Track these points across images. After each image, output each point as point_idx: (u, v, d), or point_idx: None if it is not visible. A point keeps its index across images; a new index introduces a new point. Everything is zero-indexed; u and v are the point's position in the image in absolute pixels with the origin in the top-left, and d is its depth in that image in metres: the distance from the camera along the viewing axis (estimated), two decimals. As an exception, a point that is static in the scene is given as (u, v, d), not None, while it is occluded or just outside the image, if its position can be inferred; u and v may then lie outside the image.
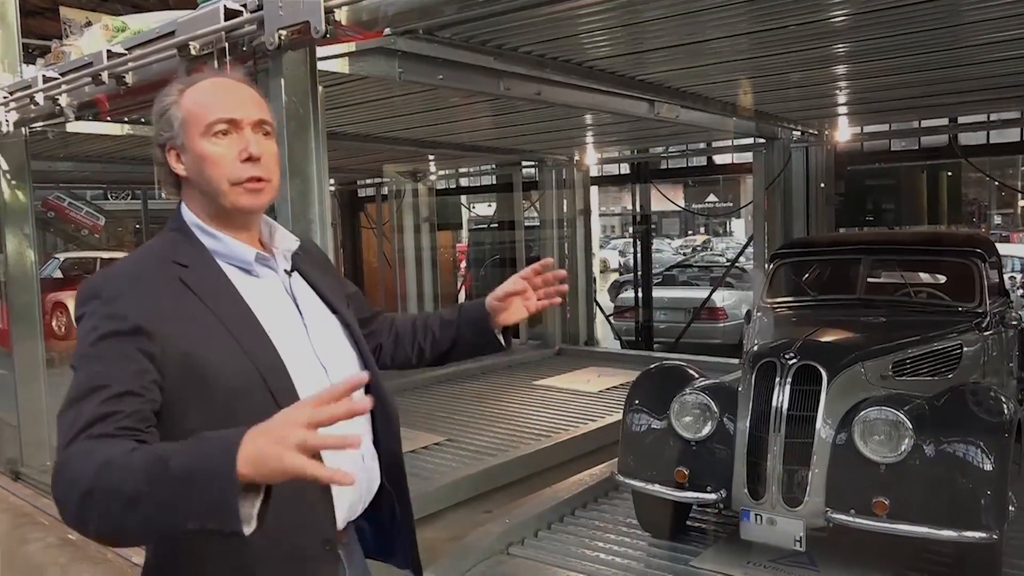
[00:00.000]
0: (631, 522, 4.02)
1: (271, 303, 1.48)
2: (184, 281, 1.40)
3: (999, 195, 24.94)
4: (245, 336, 1.40)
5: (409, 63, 4.00)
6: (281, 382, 1.40)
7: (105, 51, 4.06)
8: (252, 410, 1.32)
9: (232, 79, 1.52)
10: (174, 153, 1.47)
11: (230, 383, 1.36)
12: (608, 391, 7.39)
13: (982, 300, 4.28)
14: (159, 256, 1.45)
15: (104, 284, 1.38)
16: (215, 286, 1.43)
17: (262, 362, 1.39)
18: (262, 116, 1.49)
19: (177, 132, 1.45)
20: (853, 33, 4.26)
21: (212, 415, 1.33)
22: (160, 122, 1.47)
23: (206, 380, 1.34)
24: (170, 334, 1.33)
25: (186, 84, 1.49)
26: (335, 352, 1.55)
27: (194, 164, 1.45)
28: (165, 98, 1.48)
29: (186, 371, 1.33)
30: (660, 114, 5.73)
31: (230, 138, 1.45)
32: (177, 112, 1.46)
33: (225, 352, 1.37)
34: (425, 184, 11.84)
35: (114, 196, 20.94)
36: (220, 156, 1.44)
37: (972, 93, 5.99)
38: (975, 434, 3.12)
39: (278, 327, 1.45)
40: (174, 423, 1.32)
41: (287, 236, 1.59)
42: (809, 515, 3.19)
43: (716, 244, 27.88)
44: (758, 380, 3.42)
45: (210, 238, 1.48)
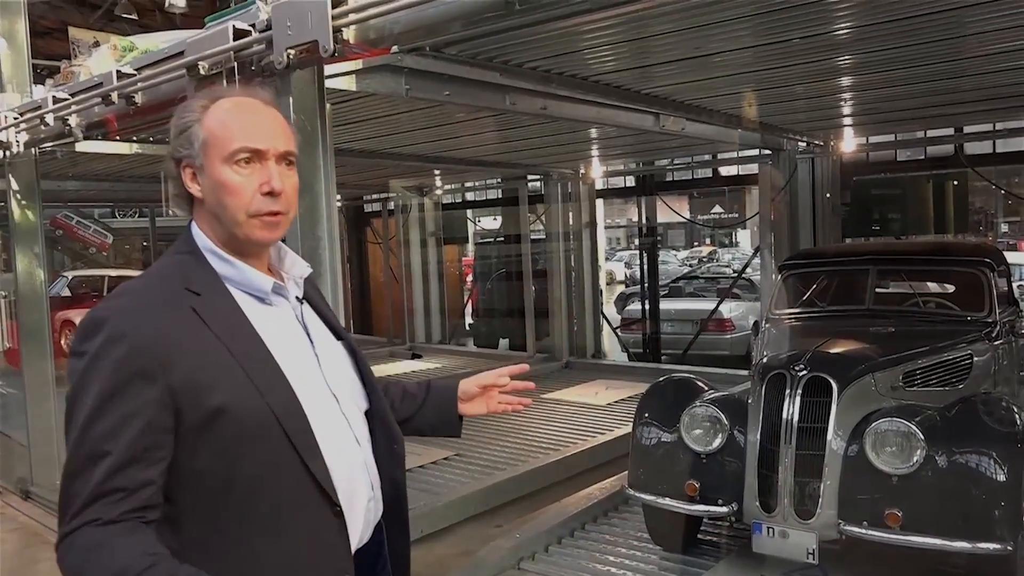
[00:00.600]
0: (642, 535, 4.01)
1: (284, 334, 1.44)
2: (197, 312, 1.34)
3: (1006, 203, 24.89)
4: (260, 375, 1.35)
5: (415, 80, 4.04)
6: (297, 423, 1.36)
7: (115, 71, 4.09)
8: (267, 451, 1.33)
9: (259, 100, 1.46)
10: (190, 172, 1.42)
11: (244, 425, 1.31)
12: (616, 404, 7.39)
13: (991, 309, 4.27)
14: (169, 283, 1.37)
15: (109, 318, 1.30)
16: (228, 319, 1.37)
17: (277, 403, 1.35)
18: (288, 148, 1.44)
19: (197, 152, 1.39)
20: (857, 45, 4.27)
21: (223, 456, 1.30)
22: (179, 138, 1.41)
23: (217, 421, 1.29)
24: (182, 372, 1.28)
25: (209, 100, 1.43)
26: (344, 381, 1.52)
27: (212, 189, 1.40)
28: (187, 113, 1.42)
29: (197, 411, 1.28)
30: (666, 127, 5.75)
31: (252, 168, 1.39)
32: (199, 131, 1.39)
33: (240, 392, 1.32)
34: (431, 199, 11.91)
35: (121, 214, 21.08)
36: (240, 186, 1.38)
37: (977, 103, 6.01)
38: (988, 444, 3.11)
39: (291, 360, 1.41)
40: (182, 462, 1.29)
41: (298, 261, 1.54)
42: (821, 527, 3.17)
43: (722, 255, 27.85)
44: (768, 392, 3.41)
45: (224, 264, 1.42)
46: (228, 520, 1.32)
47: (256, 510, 1.33)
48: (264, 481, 1.33)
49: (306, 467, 1.36)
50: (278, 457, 1.34)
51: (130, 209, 20.22)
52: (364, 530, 1.51)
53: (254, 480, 1.32)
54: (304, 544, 1.37)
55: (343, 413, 1.48)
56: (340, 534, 1.42)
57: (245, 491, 1.32)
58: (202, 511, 1.31)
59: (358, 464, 1.48)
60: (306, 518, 1.37)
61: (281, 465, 1.34)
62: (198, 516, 1.31)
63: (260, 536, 1.33)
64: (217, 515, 1.32)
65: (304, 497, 1.37)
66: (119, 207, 19.67)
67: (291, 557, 1.35)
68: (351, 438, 1.48)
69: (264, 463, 1.33)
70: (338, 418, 1.46)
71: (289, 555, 1.35)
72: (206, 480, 1.30)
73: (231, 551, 1.32)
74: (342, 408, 1.48)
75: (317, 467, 1.37)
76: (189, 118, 1.42)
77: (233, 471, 1.31)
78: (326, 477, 1.38)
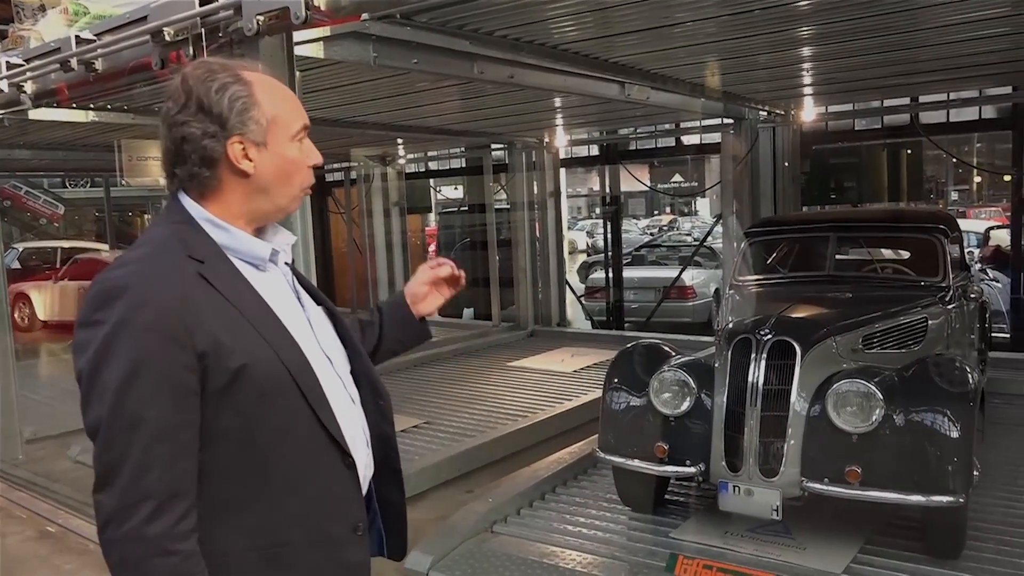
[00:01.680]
0: (611, 497, 4.12)
1: (280, 298, 1.47)
2: (205, 277, 1.35)
3: (956, 172, 25.53)
4: (272, 335, 1.38)
5: (383, 47, 4.01)
6: (309, 379, 1.41)
7: (73, 37, 3.99)
8: (284, 407, 1.38)
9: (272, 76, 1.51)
10: (241, 147, 1.39)
11: (263, 383, 1.34)
12: (582, 371, 7.50)
13: (945, 275, 4.42)
14: (172, 251, 1.36)
15: (128, 285, 1.29)
16: (235, 284, 1.39)
17: (290, 361, 1.39)
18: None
19: (261, 128, 1.39)
20: (817, 16, 4.35)
21: (244, 414, 1.34)
22: (238, 116, 1.38)
23: (239, 381, 1.32)
24: (205, 335, 1.29)
25: (239, 73, 1.40)
26: (332, 343, 1.57)
27: (276, 166, 1.42)
28: (232, 86, 1.38)
29: (220, 373, 1.31)
30: (631, 96, 5.78)
31: (304, 144, 1.48)
32: (260, 110, 1.39)
33: (257, 353, 1.35)
34: (394, 168, 11.79)
35: (73, 184, 20.51)
36: (302, 163, 1.47)
37: (932, 73, 6.15)
38: (942, 403, 3.26)
39: (290, 323, 1.44)
40: (207, 422, 1.31)
41: (281, 230, 1.57)
42: (785, 485, 3.30)
43: (682, 224, 28.15)
44: (734, 356, 3.52)
45: (223, 232, 1.42)
46: (250, 475, 1.36)
47: (276, 465, 1.38)
48: (283, 436, 1.38)
49: (319, 421, 1.41)
50: (294, 412, 1.39)
51: (81, 179, 19.69)
52: (364, 485, 1.56)
53: (273, 435, 1.37)
54: (322, 495, 1.43)
55: (337, 373, 1.53)
56: (353, 483, 1.48)
57: (265, 447, 1.37)
58: (225, 468, 1.35)
59: (356, 421, 1.54)
60: (322, 470, 1.43)
61: (297, 420, 1.39)
62: (221, 473, 1.35)
63: (280, 490, 1.38)
64: (240, 471, 1.36)
65: (320, 449, 1.42)
66: (70, 176, 19.14)
67: (310, 509, 1.41)
68: (347, 396, 1.54)
69: (282, 419, 1.38)
70: (334, 377, 1.51)
71: (308, 507, 1.41)
72: (229, 438, 1.34)
73: (251, 506, 1.37)
74: (336, 369, 1.53)
75: (329, 420, 1.43)
76: (239, 90, 1.38)
77: (253, 428, 1.35)
78: (337, 429, 1.44)
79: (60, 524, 4.54)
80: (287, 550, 1.39)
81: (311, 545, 1.41)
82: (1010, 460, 4.49)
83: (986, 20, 4.42)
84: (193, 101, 1.38)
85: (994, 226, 12.20)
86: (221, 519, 1.34)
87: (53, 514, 4.67)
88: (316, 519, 1.42)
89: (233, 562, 1.36)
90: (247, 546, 1.36)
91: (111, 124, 6.59)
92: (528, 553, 3.62)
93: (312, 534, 1.41)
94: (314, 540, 1.41)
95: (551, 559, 3.56)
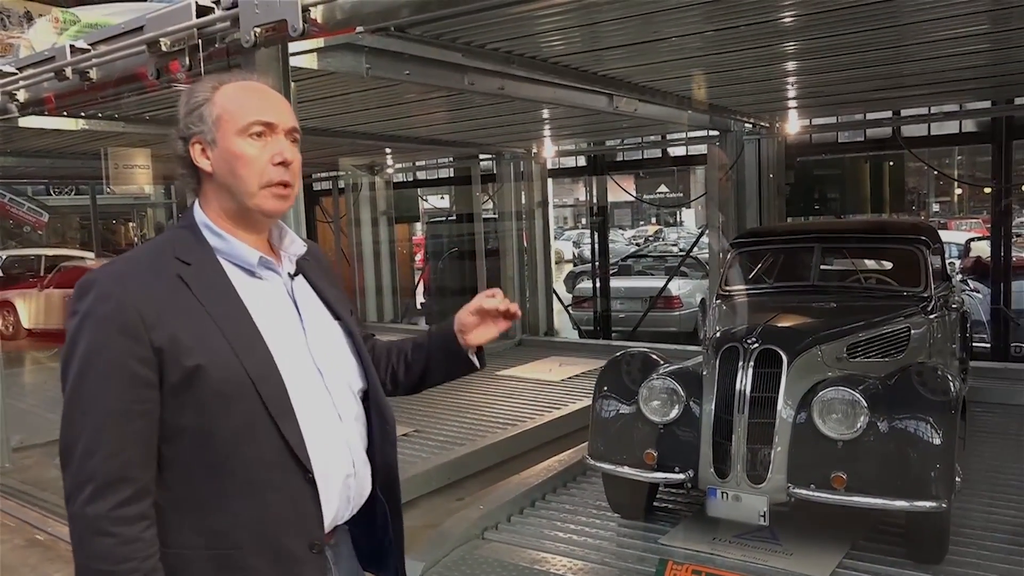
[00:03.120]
0: (601, 504, 4.16)
1: (270, 305, 1.49)
2: (182, 278, 1.41)
3: (937, 184, 25.87)
4: (238, 339, 1.41)
5: (376, 59, 4.06)
6: (272, 388, 1.42)
7: (68, 46, 4.01)
8: (242, 412, 1.40)
9: (263, 84, 1.54)
10: (199, 147, 1.48)
11: (218, 385, 1.37)
12: (570, 380, 7.55)
13: (927, 285, 4.51)
14: (161, 252, 1.46)
15: (99, 279, 1.39)
16: (213, 285, 1.44)
17: (253, 366, 1.40)
18: (294, 124, 1.52)
19: (209, 127, 1.46)
20: (801, 32, 4.45)
21: (202, 414, 1.38)
22: (189, 116, 1.48)
23: (196, 380, 1.36)
24: (164, 331, 1.35)
25: (219, 82, 1.50)
26: (333, 357, 1.56)
27: (225, 161, 1.46)
28: (197, 94, 1.49)
29: (177, 370, 1.36)
30: (619, 108, 5.87)
31: (264, 140, 1.47)
32: (211, 109, 1.47)
33: (216, 353, 1.38)
34: (382, 177, 11.84)
35: (57, 192, 20.37)
36: (254, 157, 1.46)
37: (914, 88, 6.27)
38: (924, 411, 3.33)
39: (275, 330, 1.46)
40: (166, 419, 1.37)
41: (296, 240, 1.60)
42: (772, 491, 3.36)
43: (668, 234, 28.31)
44: (722, 364, 3.58)
45: (216, 237, 1.49)
46: (206, 476, 1.39)
47: (231, 468, 1.40)
48: (239, 441, 1.40)
49: (279, 431, 1.42)
50: (252, 418, 1.40)
51: (66, 186, 19.57)
52: (342, 507, 1.53)
53: (230, 439, 1.40)
54: (276, 506, 1.43)
55: (326, 387, 1.52)
56: (313, 501, 1.47)
57: (222, 449, 1.39)
58: (183, 465, 1.39)
59: (337, 439, 1.52)
60: (278, 481, 1.43)
61: (255, 426, 1.41)
62: (179, 470, 1.39)
63: (234, 493, 1.40)
64: (196, 470, 1.39)
65: (277, 460, 1.42)
66: (54, 184, 19.01)
67: (263, 517, 1.42)
68: (332, 413, 1.52)
69: (239, 423, 1.40)
70: (320, 391, 1.51)
71: (260, 514, 1.42)
72: (187, 436, 1.38)
73: (207, 505, 1.40)
74: (326, 382, 1.52)
75: (290, 432, 1.42)
76: (200, 98, 1.49)
77: (211, 429, 1.38)
78: (299, 443, 1.44)
79: (49, 532, 4.52)
80: (238, 554, 1.41)
81: (262, 554, 1.42)
82: (991, 467, 4.58)
83: (966, 37, 4.53)
84: (181, 110, 1.51)
85: (975, 238, 12.37)
86: (179, 514, 1.39)
87: (42, 522, 4.65)
88: (269, 529, 1.42)
89: (188, 557, 1.40)
90: (200, 544, 1.40)
91: (100, 132, 6.61)
92: (519, 559, 3.65)
93: (263, 543, 1.42)
94: (265, 550, 1.42)
95: (542, 565, 3.60)
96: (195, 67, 3.40)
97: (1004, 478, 4.42)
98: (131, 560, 1.32)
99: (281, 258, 1.58)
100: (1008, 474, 4.48)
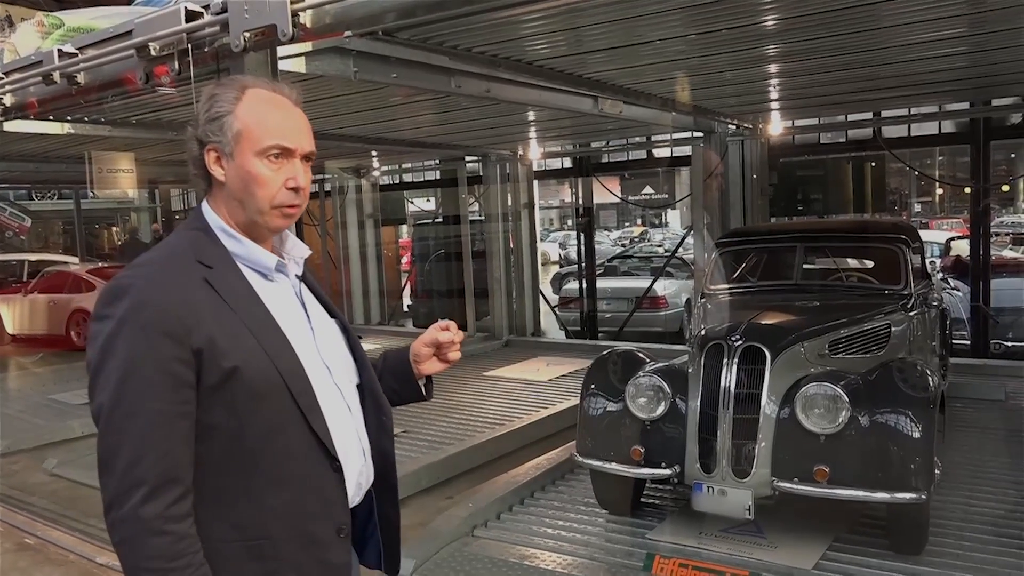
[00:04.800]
0: (589, 501, 4.21)
1: (284, 307, 1.55)
2: (209, 282, 1.44)
3: (918, 185, 26.16)
4: (267, 339, 1.46)
5: (364, 62, 4.10)
6: (301, 385, 1.48)
7: (55, 50, 4.03)
8: (275, 409, 1.45)
9: (288, 98, 1.55)
10: (215, 155, 1.50)
11: (253, 385, 1.42)
12: (557, 379, 7.61)
13: (907, 283, 4.60)
14: (184, 256, 1.47)
15: (134, 285, 1.39)
16: (238, 291, 1.48)
17: (284, 367, 1.46)
18: (312, 148, 1.54)
19: (228, 140, 1.48)
20: (782, 35, 4.53)
21: (235, 413, 1.42)
22: (210, 124, 1.49)
23: (231, 381, 1.41)
24: (201, 336, 1.38)
25: (241, 91, 1.50)
26: (336, 354, 1.63)
27: (240, 178, 1.49)
28: (220, 103, 1.49)
29: (214, 372, 1.39)
30: (604, 110, 5.93)
31: (281, 163, 1.49)
32: (233, 122, 1.48)
33: (250, 354, 1.42)
34: (368, 180, 11.85)
35: (40, 196, 20.22)
36: (269, 179, 1.48)
37: (894, 89, 6.38)
38: (904, 405, 3.40)
39: (291, 330, 1.52)
40: (199, 417, 1.40)
41: (298, 244, 1.65)
42: (757, 485, 3.42)
43: (653, 235, 28.44)
44: (707, 361, 3.64)
45: (233, 241, 1.52)
46: (238, 471, 1.44)
47: (263, 463, 1.45)
48: (271, 436, 1.46)
49: (308, 425, 1.48)
50: (284, 415, 1.47)
51: (49, 191, 19.43)
52: (355, 493, 1.61)
53: (262, 435, 1.45)
54: (306, 496, 1.49)
55: (335, 383, 1.59)
56: (339, 488, 1.55)
57: (254, 445, 1.44)
58: (215, 462, 1.43)
59: (350, 430, 1.60)
60: (308, 472, 1.50)
61: (287, 422, 1.47)
62: (211, 467, 1.43)
63: (266, 487, 1.46)
64: (228, 466, 1.44)
65: (307, 452, 1.49)
66: (36, 188, 18.87)
67: (294, 507, 1.48)
68: (343, 405, 1.60)
69: (271, 420, 1.45)
70: (331, 386, 1.58)
71: (292, 505, 1.48)
72: (219, 434, 1.42)
73: (239, 500, 1.44)
74: (334, 378, 1.59)
75: (319, 425, 1.50)
76: (222, 109, 1.49)
77: (243, 426, 1.43)
78: (326, 434, 1.51)
79: (39, 536, 4.52)
80: (269, 544, 1.46)
81: (293, 541, 1.48)
82: (970, 461, 4.67)
83: (944, 40, 4.63)
84: (201, 115, 1.51)
85: (955, 237, 12.55)
86: (211, 509, 1.42)
87: (31, 527, 4.65)
88: (299, 517, 1.48)
89: (222, 550, 1.43)
90: (234, 536, 1.44)
91: (85, 136, 6.60)
92: (509, 556, 3.70)
93: (294, 531, 1.47)
94: (296, 537, 1.48)
95: (531, 561, 3.64)
96: (184, 71, 3.43)
97: (982, 471, 4.52)
98: (185, 555, 1.35)
99: (286, 260, 1.62)
100: (986, 467, 4.58)
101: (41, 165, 9.07)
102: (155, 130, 6.60)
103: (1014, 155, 18.99)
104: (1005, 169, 18.84)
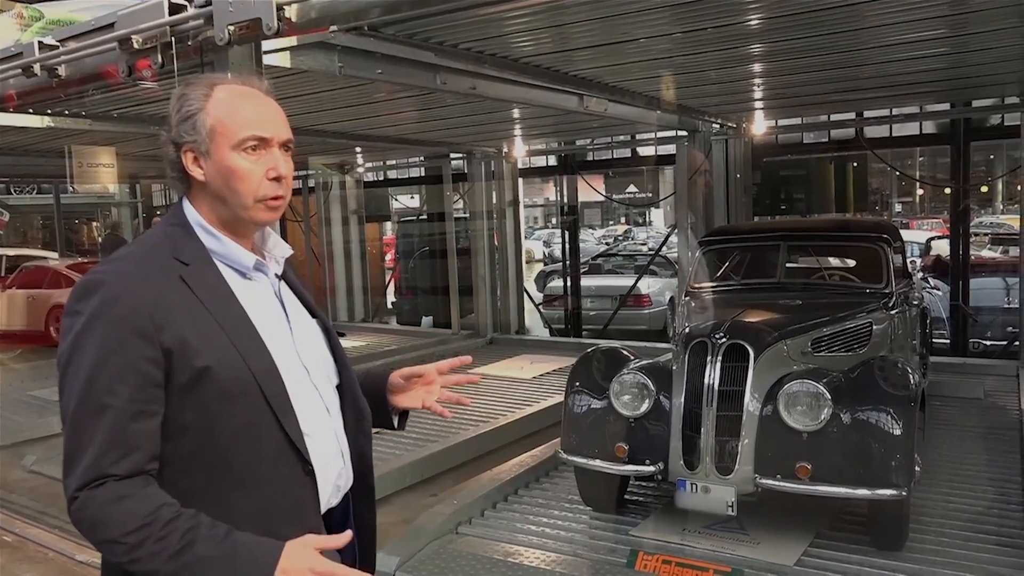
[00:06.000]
0: (573, 498, 4.22)
1: (262, 307, 1.53)
2: (185, 280, 1.43)
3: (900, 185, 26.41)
4: (241, 339, 1.44)
5: (349, 57, 4.08)
6: (274, 386, 1.46)
7: (36, 42, 3.98)
8: (246, 410, 1.43)
9: (258, 90, 1.53)
10: (191, 156, 1.48)
11: (224, 385, 1.40)
12: (541, 377, 7.62)
13: (889, 282, 4.64)
14: (160, 252, 1.45)
15: (105, 281, 1.38)
16: (214, 289, 1.46)
17: (257, 367, 1.44)
18: (289, 136, 1.52)
19: (203, 138, 1.46)
20: (766, 35, 4.56)
21: (206, 412, 1.40)
22: (182, 124, 1.47)
23: (202, 381, 1.39)
24: (173, 334, 1.37)
25: (210, 88, 1.49)
26: (315, 355, 1.60)
27: (219, 174, 1.47)
28: (190, 101, 1.48)
29: (185, 371, 1.37)
30: (589, 108, 5.94)
31: (259, 154, 1.47)
32: (205, 118, 1.46)
33: (224, 356, 1.40)
34: (352, 176, 11.81)
35: (18, 190, 19.99)
36: (249, 172, 1.46)
37: (875, 90, 6.43)
38: (885, 403, 3.43)
39: (268, 330, 1.50)
40: (169, 417, 1.38)
41: (280, 243, 1.63)
42: (740, 482, 3.44)
43: (637, 234, 28.53)
44: (691, 359, 3.66)
45: (212, 239, 1.50)
46: (208, 471, 1.42)
47: (234, 464, 1.43)
48: (242, 437, 1.43)
49: (281, 426, 1.46)
50: (256, 416, 1.44)
51: (28, 185, 19.21)
52: (332, 495, 1.59)
53: (233, 436, 1.43)
54: (277, 498, 1.47)
55: (313, 383, 1.57)
56: (311, 491, 1.52)
57: (225, 446, 1.42)
58: (185, 462, 1.41)
59: (328, 431, 1.58)
60: (279, 474, 1.47)
61: (259, 424, 1.44)
62: (181, 466, 1.41)
63: (237, 488, 1.44)
64: (198, 466, 1.42)
65: (278, 454, 1.47)
66: (15, 183, 18.65)
67: (264, 509, 1.45)
68: (321, 407, 1.58)
69: (243, 421, 1.43)
70: (308, 387, 1.56)
71: (262, 507, 1.45)
72: (189, 433, 1.40)
73: (209, 500, 1.42)
74: (312, 379, 1.57)
75: (291, 427, 1.47)
76: (193, 107, 1.47)
77: (214, 427, 1.41)
78: (299, 437, 1.49)
79: (17, 533, 4.47)
80: None
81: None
82: (950, 458, 4.73)
83: (925, 41, 4.68)
84: (172, 115, 1.49)
85: (935, 236, 12.67)
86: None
87: (9, 523, 4.60)
88: (269, 520, 1.45)
89: None
90: None
91: (65, 129, 6.53)
92: (493, 553, 3.70)
93: (264, 534, 1.43)
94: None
95: (515, 558, 3.65)
96: (167, 64, 3.41)
97: (962, 468, 4.57)
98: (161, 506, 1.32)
99: (267, 259, 1.60)
100: (965, 464, 4.63)
101: (20, 159, 8.95)
102: (137, 124, 6.53)
103: (993, 156, 19.22)
104: (984, 170, 19.08)
